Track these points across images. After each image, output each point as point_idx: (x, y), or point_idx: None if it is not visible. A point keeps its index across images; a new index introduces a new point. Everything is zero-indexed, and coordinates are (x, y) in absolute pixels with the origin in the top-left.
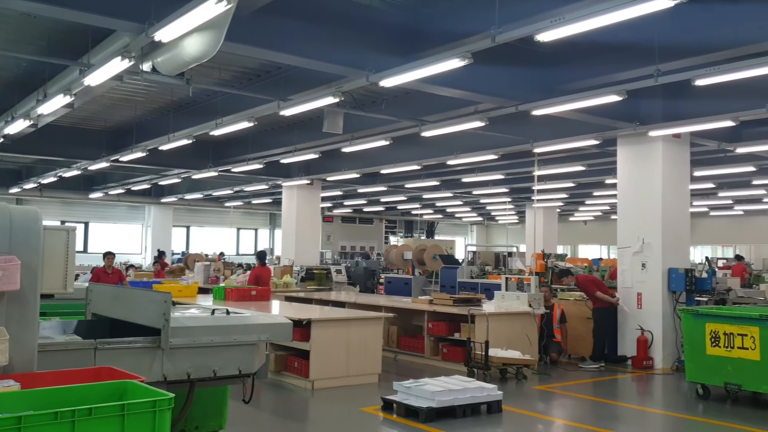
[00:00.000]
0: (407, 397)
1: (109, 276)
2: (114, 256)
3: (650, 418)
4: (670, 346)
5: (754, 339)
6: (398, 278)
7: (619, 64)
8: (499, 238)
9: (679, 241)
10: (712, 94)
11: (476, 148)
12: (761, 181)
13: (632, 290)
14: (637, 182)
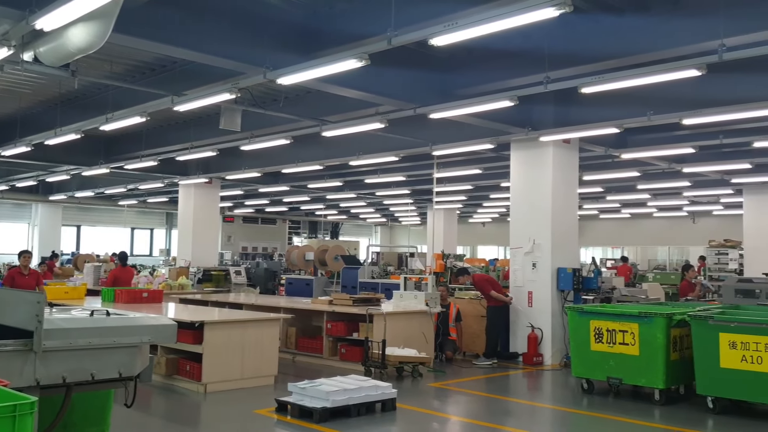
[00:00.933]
0: (302, 398)
1: (25, 278)
2: (30, 255)
3: (539, 412)
4: (559, 343)
5: (634, 335)
6: (299, 279)
7: (512, 70)
8: (402, 239)
9: (567, 241)
10: (599, 101)
11: (378, 150)
12: (645, 186)
13: (523, 289)
14: (529, 185)
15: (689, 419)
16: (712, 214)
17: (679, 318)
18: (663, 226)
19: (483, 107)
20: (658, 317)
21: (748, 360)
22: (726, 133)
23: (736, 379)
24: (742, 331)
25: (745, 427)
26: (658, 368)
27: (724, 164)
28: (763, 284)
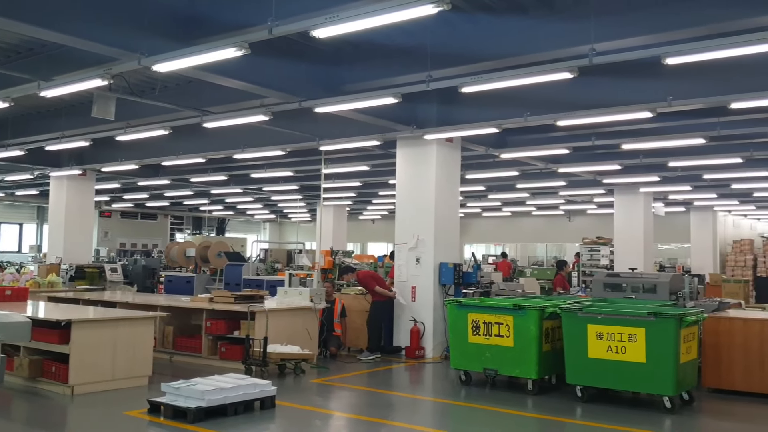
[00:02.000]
0: (176, 399)
1: None
2: None
3: (418, 405)
4: (440, 336)
5: (508, 327)
6: (180, 277)
7: (397, 68)
8: (291, 236)
9: (449, 237)
10: (479, 102)
11: (264, 143)
12: (524, 185)
13: (407, 284)
14: (413, 182)
15: (559, 408)
16: (586, 213)
17: (551, 310)
18: (541, 224)
19: (368, 103)
20: (532, 310)
21: (613, 350)
22: (598, 135)
23: (603, 368)
24: (608, 323)
25: (611, 414)
26: (531, 359)
27: (596, 165)
28: (630, 278)
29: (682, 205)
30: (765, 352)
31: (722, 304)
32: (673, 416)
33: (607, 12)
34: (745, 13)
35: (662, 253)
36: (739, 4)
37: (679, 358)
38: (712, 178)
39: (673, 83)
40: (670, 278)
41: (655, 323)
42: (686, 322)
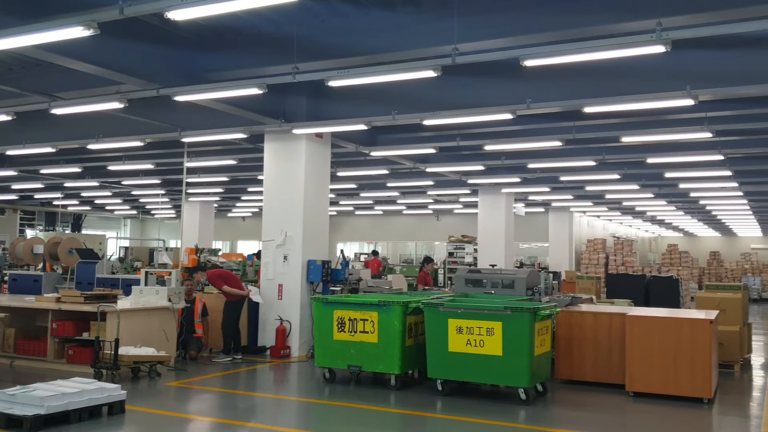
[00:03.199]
0: (11, 406)
1: None
2: None
3: (280, 405)
4: (307, 334)
5: (373, 323)
6: (26, 275)
7: (263, 58)
8: (155, 233)
9: (319, 234)
10: (349, 98)
11: (121, 133)
12: (395, 184)
13: (274, 282)
14: (282, 178)
15: (421, 402)
16: (453, 212)
17: (414, 306)
18: (412, 222)
19: (231, 93)
20: (396, 305)
21: (472, 343)
22: (463, 136)
23: (462, 361)
24: (468, 317)
25: (469, 407)
26: (394, 354)
27: (461, 165)
28: (490, 275)
29: (541, 206)
30: (613, 344)
31: (575, 299)
32: (527, 407)
33: (470, 13)
34: (599, 20)
35: (523, 252)
36: (594, 11)
37: (533, 350)
38: (568, 180)
39: (532, 86)
40: (527, 274)
41: (511, 317)
42: (540, 315)
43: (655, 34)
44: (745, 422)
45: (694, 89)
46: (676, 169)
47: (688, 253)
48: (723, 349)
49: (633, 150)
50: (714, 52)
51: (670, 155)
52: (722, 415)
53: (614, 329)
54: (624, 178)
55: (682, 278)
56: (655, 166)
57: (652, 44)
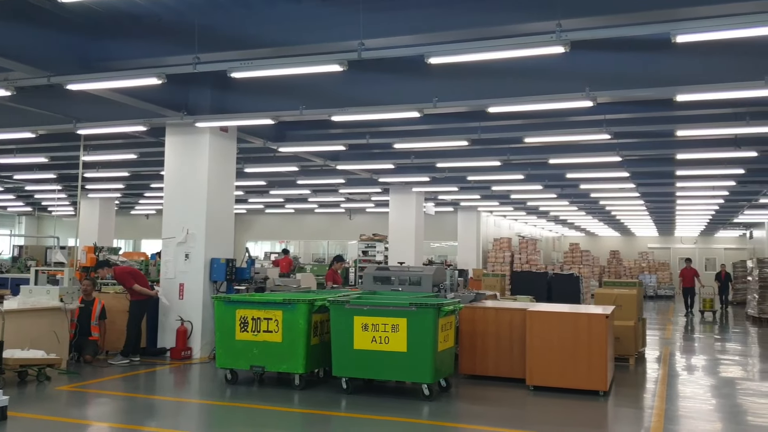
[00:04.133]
0: None
1: None
2: None
3: (178, 408)
4: (209, 335)
5: (277, 322)
6: None
7: (163, 47)
8: (52, 231)
9: (223, 232)
10: (255, 91)
11: (10, 124)
12: (305, 181)
13: (175, 281)
14: (184, 172)
15: (325, 401)
16: (365, 211)
17: (320, 304)
18: (324, 221)
19: (129, 83)
20: (301, 304)
21: (377, 340)
22: (372, 133)
23: (367, 359)
24: (373, 314)
25: (374, 405)
26: (299, 354)
27: (371, 164)
28: (398, 272)
29: (451, 205)
30: (514, 339)
31: (479, 295)
32: (431, 403)
33: (377, 8)
34: (503, 20)
35: (434, 251)
36: (498, 11)
37: (437, 346)
38: (475, 180)
39: (439, 85)
40: (433, 271)
41: (415, 313)
42: (444, 311)
43: (555, 35)
44: (639, 413)
45: (593, 91)
46: (576, 170)
47: (589, 252)
48: (619, 343)
49: (536, 151)
50: (612, 55)
51: (571, 156)
52: (617, 406)
53: (515, 325)
54: (528, 178)
55: (582, 276)
56: (558, 166)
57: (552, 45)
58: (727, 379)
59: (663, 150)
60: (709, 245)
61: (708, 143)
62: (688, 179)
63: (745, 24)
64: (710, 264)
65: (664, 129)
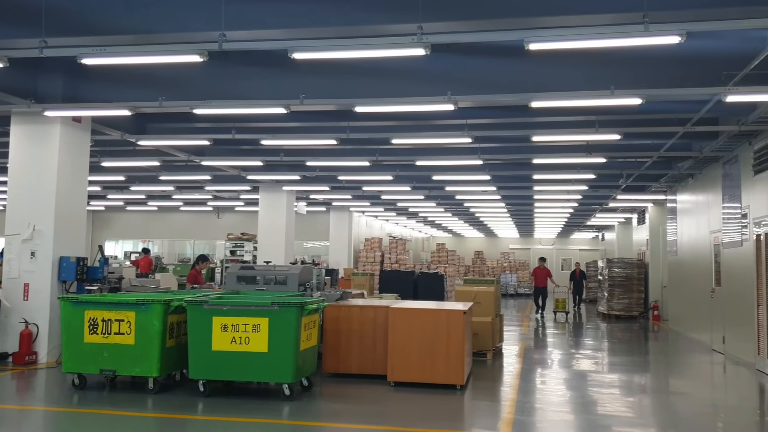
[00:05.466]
0: None
1: None
2: None
3: (18, 417)
4: (57, 339)
5: (130, 324)
6: None
7: (7, 30)
8: None
9: (74, 229)
10: (112, 80)
11: None
12: (169, 177)
13: (19, 281)
14: (31, 164)
15: (181, 405)
16: (234, 210)
17: (177, 304)
18: (190, 219)
19: None
20: (156, 304)
21: (237, 341)
22: (238, 129)
23: (227, 360)
24: (233, 314)
25: (233, 407)
26: (153, 356)
27: (238, 160)
28: (262, 271)
29: (323, 205)
30: (377, 337)
31: (345, 293)
32: (291, 403)
33: (240, 0)
34: (368, 20)
35: (307, 251)
36: (363, 10)
37: (299, 345)
38: (346, 180)
39: (307, 82)
40: (299, 270)
41: (278, 312)
42: (307, 310)
43: (416, 37)
44: (494, 405)
45: (454, 95)
46: (442, 172)
47: (455, 252)
48: (477, 339)
49: (404, 152)
50: (473, 60)
51: (437, 159)
52: (473, 399)
53: (379, 322)
54: (397, 179)
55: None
56: (424, 168)
57: (413, 47)
58: (579, 372)
59: (521, 155)
60: (566, 246)
61: (562, 149)
62: (544, 183)
63: (593, 35)
64: (567, 264)
65: (521, 134)
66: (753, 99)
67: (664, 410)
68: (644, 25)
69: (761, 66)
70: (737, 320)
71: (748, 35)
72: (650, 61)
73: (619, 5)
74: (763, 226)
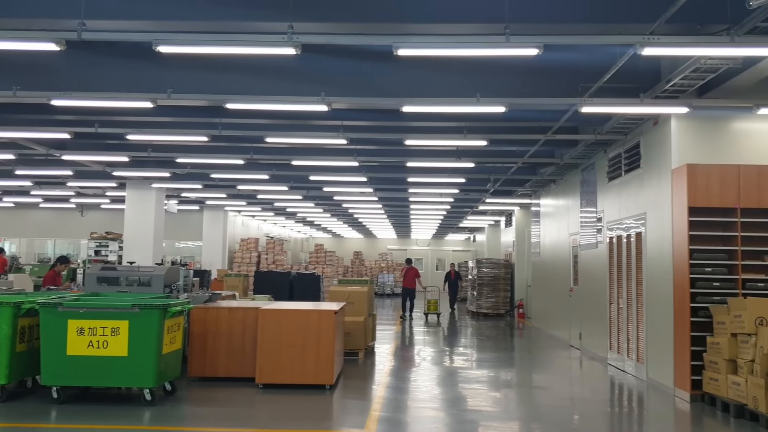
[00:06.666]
0: None
1: None
2: None
3: None
4: None
5: None
6: None
7: None
8: None
9: None
10: None
11: None
12: (26, 172)
13: None
14: None
15: (32, 413)
16: (100, 207)
17: (29, 306)
18: (51, 217)
19: None
20: (4, 306)
21: (94, 345)
22: (102, 122)
23: (83, 365)
24: (91, 317)
25: (90, 413)
26: (1, 362)
27: (102, 155)
28: (125, 272)
29: (196, 204)
30: (247, 339)
31: (215, 295)
32: (153, 408)
33: None
34: (238, 16)
35: (180, 251)
36: (234, 6)
37: (161, 349)
38: (220, 178)
39: (176, 76)
40: (165, 271)
41: (138, 315)
42: (171, 312)
43: (287, 36)
44: (363, 404)
45: (328, 96)
46: (319, 172)
47: (334, 253)
48: (349, 338)
49: (280, 151)
50: (347, 63)
51: (314, 159)
52: (343, 398)
53: (248, 324)
54: (273, 178)
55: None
56: (301, 168)
57: (284, 46)
58: (448, 369)
59: (396, 157)
60: (440, 247)
61: (434, 153)
62: (419, 186)
63: (458, 44)
64: (441, 264)
65: (395, 137)
66: (605, 110)
67: (526, 404)
68: (506, 36)
69: (614, 79)
70: (592, 318)
71: (602, 50)
72: (514, 71)
73: (484, 16)
74: (615, 230)
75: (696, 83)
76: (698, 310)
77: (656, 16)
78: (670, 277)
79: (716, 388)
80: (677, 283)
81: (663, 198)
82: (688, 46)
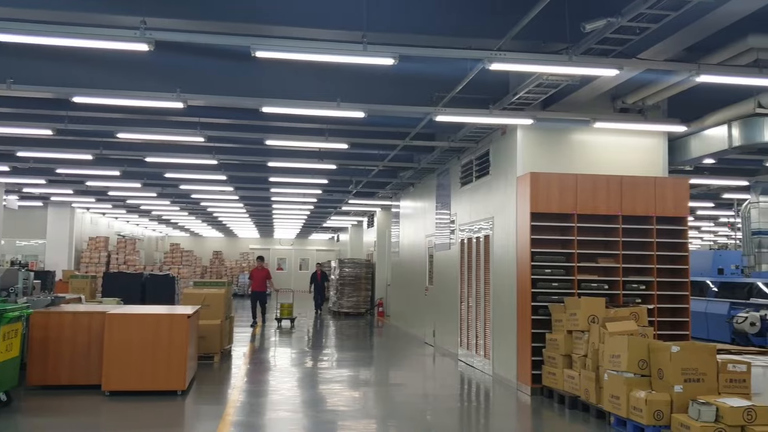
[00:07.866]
0: None
1: None
2: None
3: None
4: None
5: None
6: None
7: None
8: None
9: None
10: None
11: None
12: None
13: None
14: None
15: None
16: None
17: None
18: None
19: None
20: None
21: None
22: None
23: None
24: None
25: None
26: None
27: None
28: None
29: (40, 200)
30: (92, 345)
31: (58, 298)
32: None
33: None
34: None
35: (21, 250)
36: None
37: None
38: (66, 173)
39: (18, 65)
40: (2, 273)
41: None
42: (7, 318)
43: (139, 31)
44: (216, 408)
45: (184, 93)
46: (175, 170)
47: (192, 252)
48: (204, 342)
49: (132, 147)
50: (205, 60)
51: (169, 156)
52: (195, 404)
53: (95, 329)
54: (125, 175)
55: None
56: (156, 165)
57: (136, 41)
58: (306, 370)
59: (257, 157)
60: (304, 246)
61: (296, 154)
62: (281, 185)
63: (316, 49)
64: (305, 264)
65: (256, 137)
66: (457, 120)
67: (382, 401)
68: (363, 45)
69: (466, 90)
70: (445, 316)
71: (455, 62)
72: (374, 78)
73: (343, 24)
74: (467, 232)
75: (540, 97)
76: (539, 309)
77: (505, 32)
78: (514, 278)
79: (554, 381)
80: (520, 283)
81: (509, 203)
82: (531, 63)
